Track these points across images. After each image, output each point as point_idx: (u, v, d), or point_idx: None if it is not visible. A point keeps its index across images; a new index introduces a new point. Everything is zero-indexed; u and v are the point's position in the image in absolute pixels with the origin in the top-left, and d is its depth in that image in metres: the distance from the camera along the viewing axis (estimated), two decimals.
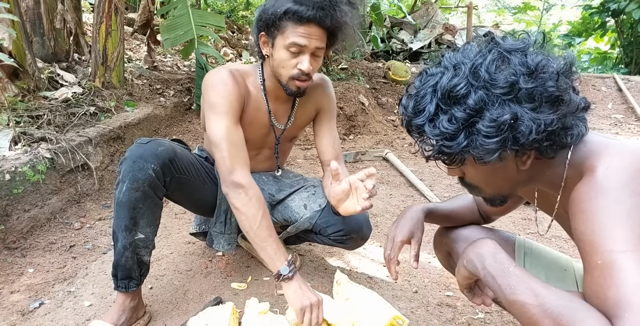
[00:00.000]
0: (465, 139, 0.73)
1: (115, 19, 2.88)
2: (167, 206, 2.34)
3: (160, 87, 3.56)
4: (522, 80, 0.71)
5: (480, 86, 0.72)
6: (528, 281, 0.70)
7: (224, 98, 1.31)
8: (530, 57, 0.73)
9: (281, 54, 1.29)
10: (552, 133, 0.73)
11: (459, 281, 0.86)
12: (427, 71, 0.80)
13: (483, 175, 0.84)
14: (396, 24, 7.38)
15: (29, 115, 2.29)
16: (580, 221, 0.71)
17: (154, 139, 1.34)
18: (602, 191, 0.70)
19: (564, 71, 0.74)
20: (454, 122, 0.73)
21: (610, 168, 0.72)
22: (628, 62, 7.61)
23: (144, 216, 1.29)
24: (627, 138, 4.26)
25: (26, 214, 1.93)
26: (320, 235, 1.50)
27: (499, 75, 0.72)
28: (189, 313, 1.47)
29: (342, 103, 4.02)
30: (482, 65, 0.73)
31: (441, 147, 0.76)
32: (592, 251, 0.67)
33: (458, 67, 0.75)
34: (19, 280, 1.66)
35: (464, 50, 0.78)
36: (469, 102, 0.72)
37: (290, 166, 3.10)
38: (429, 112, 0.75)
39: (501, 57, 0.74)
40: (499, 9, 12.55)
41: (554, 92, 0.72)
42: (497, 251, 0.78)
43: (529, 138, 0.71)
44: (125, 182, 1.24)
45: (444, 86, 0.74)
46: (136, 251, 1.32)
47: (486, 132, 0.71)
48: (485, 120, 0.71)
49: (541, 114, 0.71)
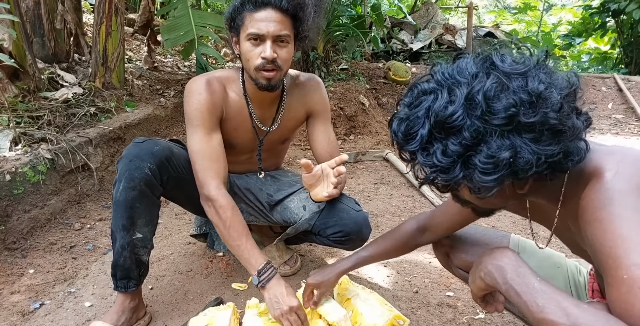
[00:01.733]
0: (460, 172, 0.68)
1: (116, 19, 2.89)
2: (167, 207, 2.34)
3: (161, 88, 3.56)
4: (522, 112, 0.66)
5: (478, 116, 0.66)
6: (557, 299, 0.66)
7: (196, 110, 1.32)
8: (532, 84, 0.67)
9: (245, 46, 1.27)
10: (554, 163, 0.69)
11: (474, 291, 0.82)
12: (418, 86, 0.74)
13: (476, 199, 0.80)
14: (396, 24, 7.38)
15: (29, 115, 2.29)
16: (598, 231, 0.67)
17: (151, 138, 1.34)
18: (615, 197, 0.67)
19: (567, 95, 0.69)
20: (449, 154, 0.68)
21: (618, 173, 0.69)
22: (628, 62, 7.60)
23: (141, 215, 1.29)
24: (627, 138, 4.25)
25: (26, 215, 1.93)
26: (320, 236, 1.50)
27: (498, 105, 0.66)
28: (189, 313, 1.47)
29: (343, 104, 4.02)
30: (480, 93, 0.67)
31: (435, 178, 0.71)
32: (615, 266, 0.63)
33: (453, 89, 0.69)
34: (20, 281, 1.66)
35: (459, 67, 0.72)
36: (465, 134, 0.66)
37: (290, 166, 3.10)
38: (421, 138, 0.70)
39: (500, 83, 0.67)
40: (499, 9, 12.55)
41: (556, 124, 0.67)
42: (519, 264, 0.73)
43: (529, 173, 0.67)
44: (122, 181, 1.25)
45: (438, 113, 0.68)
46: (134, 251, 1.32)
47: (483, 168, 0.66)
48: (482, 155, 0.66)
49: (542, 145, 0.67)
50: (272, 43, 1.24)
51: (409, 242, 1.21)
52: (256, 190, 1.58)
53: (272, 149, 1.57)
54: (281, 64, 1.28)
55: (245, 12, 1.25)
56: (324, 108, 1.53)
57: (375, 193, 2.67)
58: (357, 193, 2.64)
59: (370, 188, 2.75)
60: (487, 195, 0.70)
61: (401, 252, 1.28)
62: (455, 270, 1.24)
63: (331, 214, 1.44)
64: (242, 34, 1.27)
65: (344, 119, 3.99)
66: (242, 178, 1.59)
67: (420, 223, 1.20)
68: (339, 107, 3.98)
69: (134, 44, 4.67)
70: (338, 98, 4.01)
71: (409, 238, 1.21)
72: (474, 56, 0.74)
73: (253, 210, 1.59)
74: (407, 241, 1.21)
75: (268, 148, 1.55)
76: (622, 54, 7.92)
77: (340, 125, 3.95)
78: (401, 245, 1.22)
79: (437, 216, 1.17)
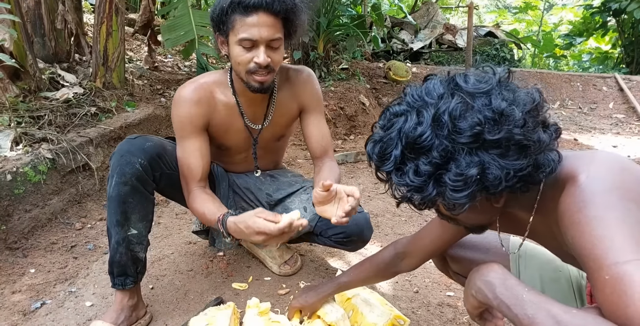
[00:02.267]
0: (434, 189, 0.71)
1: (116, 19, 2.89)
2: (167, 206, 2.35)
3: (161, 88, 3.56)
4: (487, 130, 0.68)
5: (445, 136, 0.69)
6: (547, 308, 0.65)
7: (180, 122, 1.34)
8: (495, 101, 0.70)
9: (235, 51, 1.24)
10: (524, 176, 0.71)
11: (469, 310, 0.82)
12: (390, 109, 0.77)
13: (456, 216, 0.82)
14: (397, 24, 7.37)
15: (30, 115, 2.29)
16: (576, 234, 0.68)
17: (143, 135, 1.35)
18: (590, 199, 0.68)
19: (530, 110, 0.72)
20: (420, 174, 0.70)
21: (590, 176, 0.70)
22: (629, 62, 7.59)
23: (135, 211, 1.29)
24: (628, 138, 4.25)
25: (27, 214, 1.93)
26: (321, 237, 1.50)
27: (464, 124, 0.68)
28: (190, 313, 1.47)
29: (343, 104, 4.02)
30: (445, 113, 0.69)
31: (411, 197, 0.75)
32: (597, 267, 0.64)
33: (421, 111, 0.72)
34: (21, 280, 1.66)
35: (427, 88, 0.75)
36: (434, 153, 0.69)
37: (290, 166, 3.10)
38: (395, 159, 0.72)
39: (464, 103, 0.70)
40: (500, 9, 12.54)
41: (521, 140, 0.69)
42: (506, 277, 0.73)
43: (499, 188, 0.69)
44: (114, 177, 1.26)
45: (408, 134, 0.71)
46: (130, 248, 1.32)
47: (453, 186, 0.69)
48: (451, 173, 0.69)
49: (509, 160, 0.69)
50: (265, 48, 1.22)
51: (388, 268, 1.20)
52: (255, 190, 1.58)
53: (268, 147, 1.56)
54: (274, 67, 1.27)
55: (235, 15, 1.21)
56: (316, 102, 1.50)
57: (376, 193, 2.67)
58: None
59: (370, 188, 2.76)
60: (461, 211, 0.72)
61: (380, 279, 1.31)
62: (453, 276, 1.23)
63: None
64: (232, 38, 1.24)
65: (345, 119, 4.00)
66: (242, 178, 1.59)
67: (399, 249, 1.18)
68: (339, 107, 3.98)
69: (134, 43, 4.68)
70: (338, 98, 4.01)
71: (388, 265, 1.20)
72: (440, 77, 0.77)
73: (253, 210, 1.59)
74: (386, 267, 1.20)
75: (264, 146, 1.54)
76: (623, 53, 7.92)
77: (340, 125, 3.95)
78: (380, 272, 1.22)
79: (418, 240, 1.15)
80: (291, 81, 1.46)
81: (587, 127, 4.65)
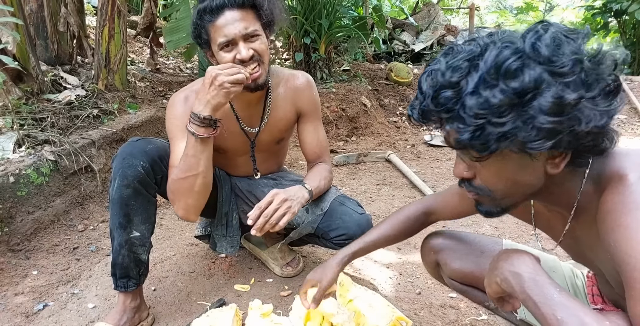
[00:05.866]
0: (518, 117, 0.61)
1: (118, 21, 2.90)
2: (169, 208, 2.35)
3: (163, 90, 3.57)
4: (586, 60, 0.62)
5: (540, 62, 0.61)
6: (579, 315, 0.62)
7: (172, 124, 1.33)
8: (589, 44, 0.65)
9: (220, 56, 1.24)
10: (598, 132, 0.64)
11: (490, 294, 0.79)
12: (456, 47, 0.68)
13: (503, 176, 0.72)
14: (398, 25, 7.38)
15: (33, 117, 2.30)
16: (622, 239, 0.62)
17: (145, 138, 1.35)
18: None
19: (620, 64, 0.66)
20: (508, 93, 0.60)
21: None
22: (631, 63, 7.58)
23: (137, 213, 1.30)
24: (630, 139, 4.24)
25: (30, 216, 1.94)
26: (323, 239, 1.50)
27: (562, 51, 0.61)
28: (192, 314, 1.47)
29: (344, 105, 4.02)
30: (542, 40, 0.62)
31: (485, 126, 0.62)
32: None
33: (506, 43, 0.63)
34: (23, 282, 1.66)
35: (504, 32, 0.68)
36: (525, 78, 0.60)
37: (292, 167, 3.11)
38: (469, 84, 0.63)
39: (561, 36, 0.63)
40: (501, 10, 12.55)
41: (612, 83, 0.63)
42: (537, 273, 0.69)
43: (586, 130, 0.62)
44: (116, 179, 1.26)
45: (491, 60, 0.62)
46: (132, 250, 1.32)
47: (547, 108, 0.59)
48: (546, 96, 0.60)
49: (599, 106, 0.62)
50: (244, 43, 1.22)
51: (415, 224, 1.17)
52: (258, 193, 1.58)
53: (268, 150, 1.56)
54: (261, 55, 1.25)
55: (206, 24, 1.21)
56: (314, 108, 1.50)
57: (378, 194, 2.67)
58: (359, 194, 2.64)
59: (372, 190, 2.75)
60: (543, 147, 0.62)
61: (406, 236, 1.21)
62: (447, 281, 1.21)
63: (334, 217, 1.44)
64: (214, 47, 1.24)
65: (346, 120, 4.00)
66: (244, 181, 1.59)
67: (427, 207, 1.16)
68: (341, 108, 3.98)
69: (136, 46, 4.69)
70: (340, 100, 4.01)
71: (416, 221, 1.17)
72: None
73: None
74: (413, 224, 1.17)
75: (264, 149, 1.54)
76: None
77: (342, 126, 3.96)
78: (408, 229, 1.18)
79: (447, 202, 1.14)
80: (288, 85, 1.46)
81: None
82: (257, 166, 1.57)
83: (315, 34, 4.08)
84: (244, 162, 1.55)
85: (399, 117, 4.57)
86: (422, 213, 1.17)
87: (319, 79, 4.29)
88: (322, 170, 1.49)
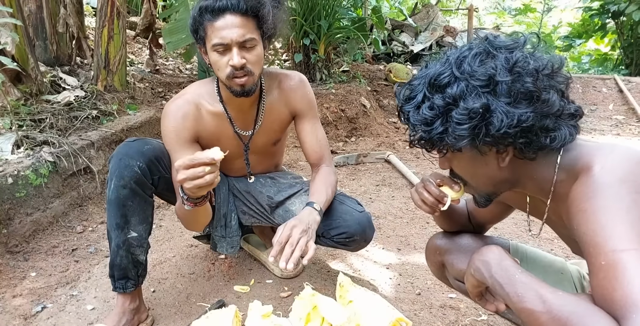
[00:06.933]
0: (441, 125, 0.78)
1: (118, 22, 2.90)
2: (169, 209, 2.34)
3: (162, 90, 3.57)
4: (499, 74, 0.74)
5: (462, 78, 0.76)
6: (535, 288, 0.70)
7: (168, 137, 1.33)
8: (515, 55, 0.76)
9: (212, 57, 1.23)
10: (528, 131, 0.75)
11: (469, 289, 0.85)
12: (427, 64, 0.86)
13: (467, 168, 0.88)
14: (397, 26, 7.38)
15: (32, 118, 2.30)
16: (581, 221, 0.71)
17: (142, 138, 1.36)
18: (600, 190, 0.70)
19: (544, 70, 0.76)
20: (433, 108, 0.78)
21: (605, 167, 0.73)
22: (628, 63, 7.59)
23: (134, 214, 1.30)
24: (629, 140, 4.25)
25: (29, 218, 1.93)
26: (324, 238, 1.50)
27: (480, 69, 0.76)
28: (191, 316, 1.47)
29: (344, 106, 4.02)
30: (467, 58, 0.77)
31: (420, 132, 0.82)
32: (595, 253, 0.67)
33: (447, 59, 0.81)
34: (22, 284, 1.66)
35: (461, 47, 0.83)
36: (449, 91, 0.77)
37: (292, 168, 3.10)
38: (417, 99, 0.81)
39: (487, 53, 0.77)
40: (499, 11, 12.57)
41: (529, 88, 0.74)
42: (502, 258, 0.77)
43: (500, 131, 0.74)
44: (113, 180, 1.26)
45: (431, 75, 0.80)
46: (130, 251, 1.32)
47: (458, 119, 0.76)
48: (459, 108, 0.76)
49: (516, 109, 0.74)
50: (238, 49, 1.20)
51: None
52: (256, 193, 1.58)
53: (264, 152, 1.55)
54: (252, 68, 1.24)
55: (205, 22, 1.20)
56: (308, 107, 1.48)
57: (377, 194, 2.67)
58: (358, 195, 2.64)
59: (372, 190, 2.75)
60: (461, 144, 0.77)
61: (460, 216, 1.23)
62: (452, 281, 1.21)
63: (334, 216, 1.43)
64: (208, 45, 1.23)
65: (345, 121, 4.00)
66: (242, 181, 1.59)
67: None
68: (340, 109, 3.98)
69: (135, 47, 4.69)
70: (339, 100, 4.01)
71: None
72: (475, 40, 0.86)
73: (254, 212, 1.59)
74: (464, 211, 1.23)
75: (259, 152, 1.54)
76: (622, 55, 7.92)
77: (341, 127, 3.96)
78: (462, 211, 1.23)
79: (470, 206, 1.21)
80: (281, 86, 1.45)
81: (587, 129, 4.65)
82: (250, 169, 1.56)
83: (315, 35, 4.09)
84: (239, 165, 1.55)
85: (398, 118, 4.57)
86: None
87: (318, 80, 4.29)
88: (326, 176, 1.46)
